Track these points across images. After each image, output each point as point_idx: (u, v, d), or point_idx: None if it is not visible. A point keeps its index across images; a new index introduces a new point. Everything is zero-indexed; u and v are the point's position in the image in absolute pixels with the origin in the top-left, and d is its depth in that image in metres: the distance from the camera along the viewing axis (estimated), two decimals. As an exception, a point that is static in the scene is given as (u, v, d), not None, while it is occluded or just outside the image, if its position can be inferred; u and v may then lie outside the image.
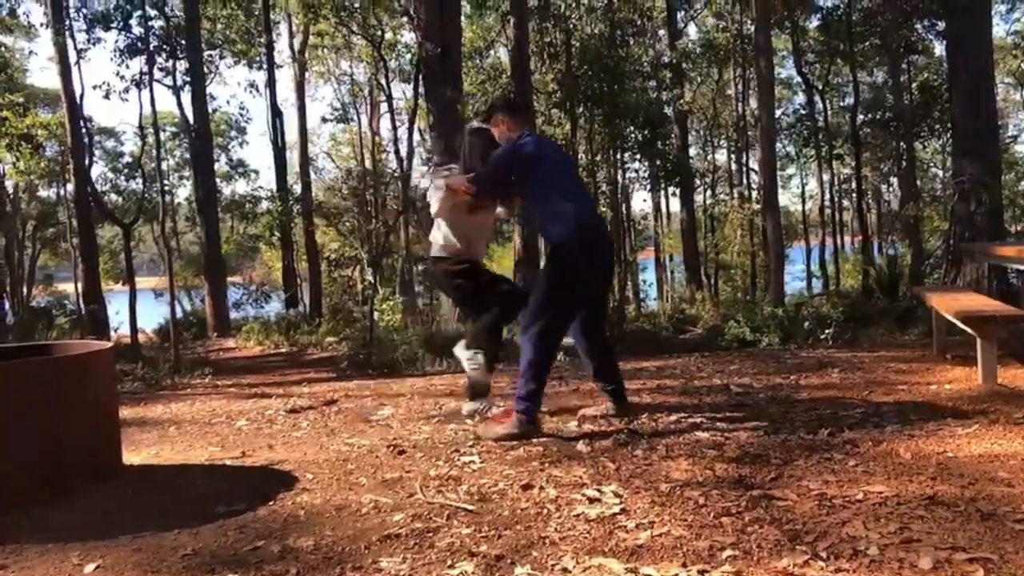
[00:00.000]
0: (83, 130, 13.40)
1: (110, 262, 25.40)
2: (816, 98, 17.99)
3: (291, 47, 20.87)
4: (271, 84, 18.02)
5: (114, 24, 12.50)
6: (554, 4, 12.40)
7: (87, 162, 13.48)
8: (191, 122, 14.83)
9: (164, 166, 19.55)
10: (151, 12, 12.12)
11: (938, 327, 5.30)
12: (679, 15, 18.19)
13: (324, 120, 38.63)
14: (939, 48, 16.80)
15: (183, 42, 13.67)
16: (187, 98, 14.51)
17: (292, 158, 21.96)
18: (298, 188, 19.02)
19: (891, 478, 2.60)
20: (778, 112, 19.31)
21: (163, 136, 20.83)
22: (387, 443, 3.50)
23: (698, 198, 21.71)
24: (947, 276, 8.92)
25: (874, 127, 17.39)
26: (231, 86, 62.08)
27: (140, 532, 2.50)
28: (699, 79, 20.45)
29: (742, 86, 20.10)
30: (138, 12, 12.05)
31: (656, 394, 4.41)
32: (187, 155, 21.50)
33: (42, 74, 72.99)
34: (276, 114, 17.81)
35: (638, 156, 15.38)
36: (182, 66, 13.89)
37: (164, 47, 12.76)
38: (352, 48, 21.72)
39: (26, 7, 30.74)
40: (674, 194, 18.40)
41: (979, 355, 4.08)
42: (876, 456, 2.87)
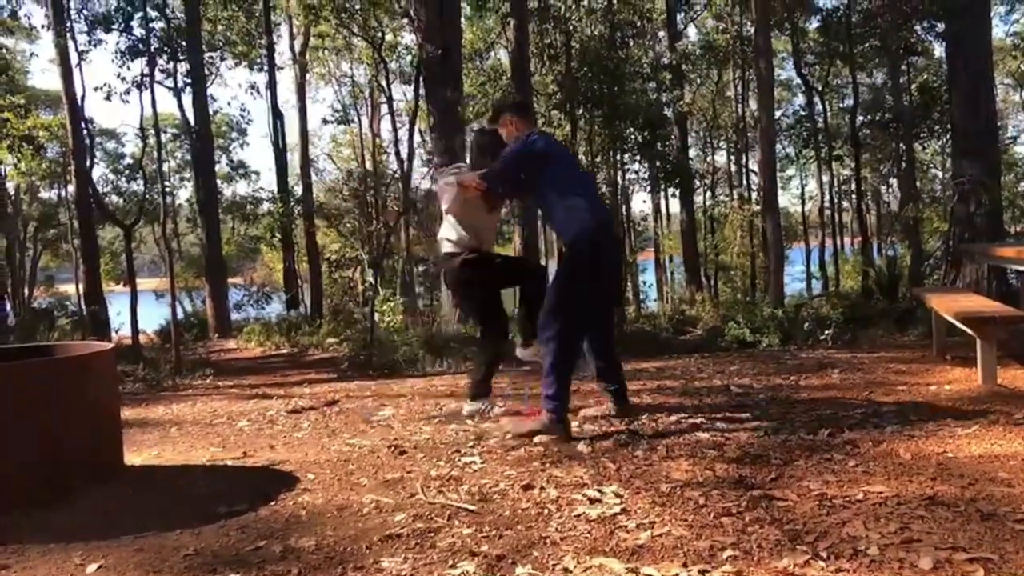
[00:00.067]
0: (84, 131, 13.39)
1: (111, 263, 25.40)
2: (816, 99, 18.00)
3: (292, 49, 20.89)
4: (272, 86, 18.04)
5: (115, 26, 12.53)
6: (554, 6, 12.41)
7: (88, 163, 13.46)
8: (192, 124, 14.82)
9: (165, 167, 19.54)
10: (152, 14, 12.13)
11: (938, 328, 5.31)
12: (679, 16, 18.19)
13: (325, 121, 38.44)
14: (939, 49, 16.82)
15: (184, 44, 13.67)
16: (188, 100, 14.52)
17: (293, 159, 22.00)
18: (299, 189, 19.01)
19: (891, 478, 2.61)
20: (778, 113, 19.33)
21: (164, 138, 20.87)
22: (388, 443, 3.51)
23: (698, 199, 21.72)
24: (947, 277, 8.93)
25: (874, 128, 17.39)
26: (232, 88, 62.01)
27: (142, 532, 2.51)
28: (699, 80, 20.46)
29: (742, 87, 20.10)
30: (139, 14, 12.07)
31: (656, 395, 4.42)
32: (188, 156, 21.48)
33: (43, 76, 72.94)
34: (277, 116, 17.82)
35: (638, 157, 15.39)
36: (183, 68, 13.89)
37: (165, 49, 12.77)
38: (353, 50, 21.75)
39: (27, 9, 30.81)
40: (674, 195, 18.40)
41: (979, 356, 4.09)
42: (876, 456, 2.87)
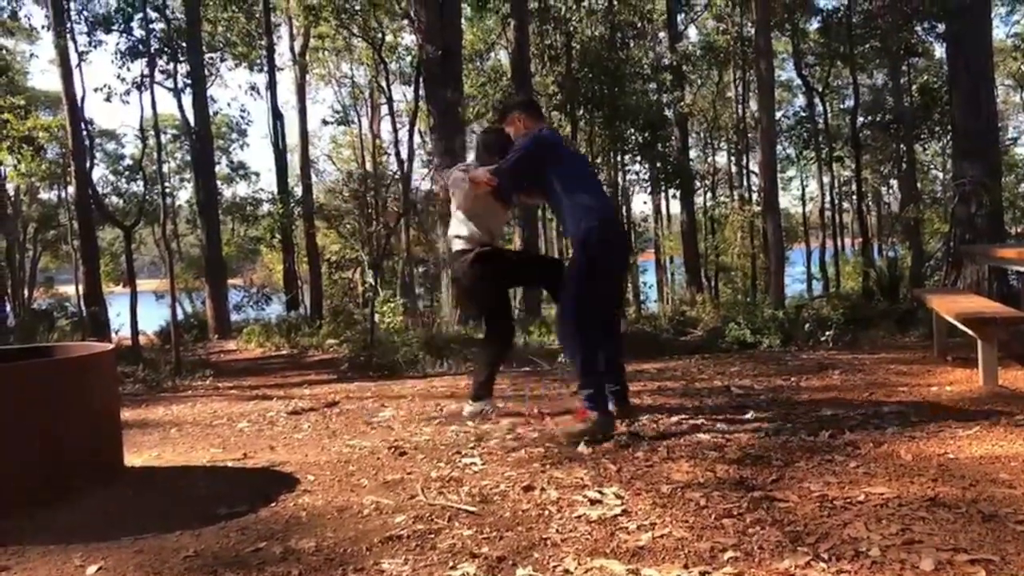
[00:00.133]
0: (84, 132, 13.40)
1: (111, 264, 25.41)
2: (816, 100, 18.01)
3: (292, 50, 20.90)
4: (272, 87, 18.06)
5: (115, 27, 12.55)
6: (554, 7, 12.43)
7: (88, 165, 13.45)
8: (192, 124, 14.82)
9: (165, 168, 19.53)
10: (152, 15, 12.15)
11: (939, 329, 5.30)
12: (679, 17, 18.20)
13: (325, 122, 38.52)
14: (939, 50, 16.85)
15: (184, 45, 13.68)
16: (188, 100, 14.53)
17: (293, 160, 22.03)
18: (299, 190, 19.02)
19: (892, 479, 2.60)
20: (778, 114, 19.35)
21: (164, 138, 20.89)
22: (388, 445, 3.51)
23: (698, 200, 21.74)
24: (947, 278, 8.91)
25: (874, 129, 17.41)
26: (232, 89, 62.09)
27: (142, 533, 2.50)
28: (699, 81, 20.48)
29: (742, 88, 20.12)
30: (139, 15, 12.09)
31: (657, 396, 4.41)
32: (188, 157, 21.49)
33: (43, 77, 73.12)
34: (277, 116, 17.84)
35: (638, 158, 15.42)
36: (183, 69, 13.90)
37: (165, 50, 12.79)
38: (353, 50, 21.79)
39: (27, 10, 30.70)
40: (674, 196, 18.42)
41: (980, 357, 4.09)
42: (877, 458, 2.87)
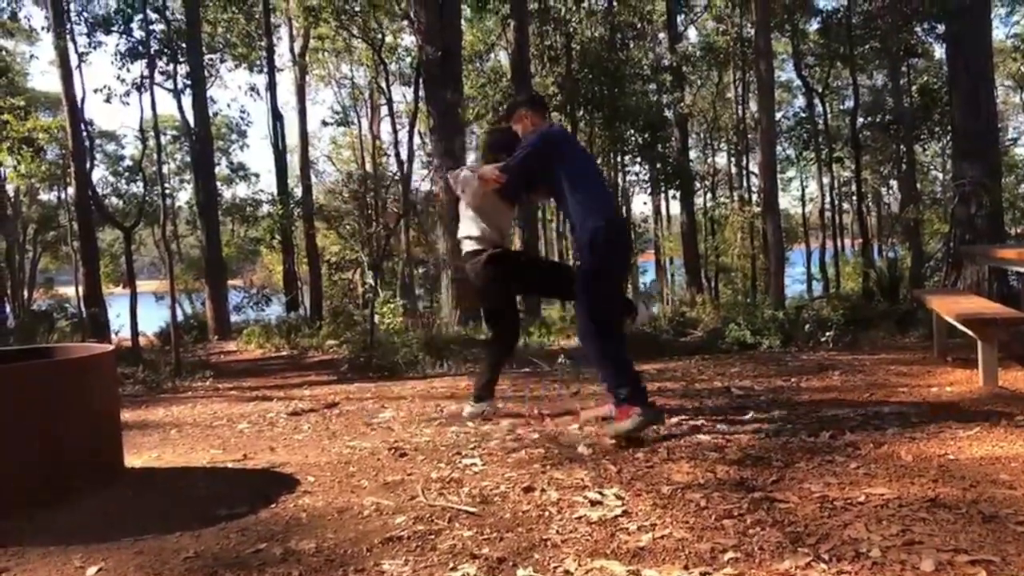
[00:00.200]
0: (84, 134, 13.40)
1: (111, 265, 25.40)
2: (816, 101, 18.03)
3: (291, 51, 20.92)
4: (271, 87, 18.07)
5: (115, 28, 12.54)
6: (554, 8, 12.43)
7: (88, 166, 13.45)
8: (192, 125, 14.81)
9: (165, 169, 19.53)
10: (152, 16, 12.15)
11: (939, 330, 5.30)
12: (679, 18, 18.21)
13: (325, 123, 38.62)
14: (939, 51, 16.85)
15: (184, 46, 13.67)
16: (188, 101, 14.52)
17: (293, 161, 22.03)
18: (299, 191, 19.04)
19: (893, 480, 2.60)
20: (778, 115, 19.37)
21: (164, 140, 20.90)
22: (388, 446, 3.51)
23: (698, 201, 21.76)
24: (947, 279, 8.91)
25: (874, 130, 17.42)
26: (232, 90, 62.11)
27: (142, 535, 2.50)
28: (699, 82, 20.49)
29: (742, 89, 20.13)
30: (139, 16, 12.08)
31: (657, 397, 4.40)
32: (188, 158, 21.50)
33: (43, 78, 73.20)
34: (277, 117, 17.85)
35: (638, 159, 15.43)
36: (183, 70, 13.90)
37: (165, 51, 12.79)
38: (352, 51, 21.79)
39: (27, 11, 30.65)
40: (674, 197, 18.45)
41: (980, 358, 4.09)
42: (877, 458, 2.87)
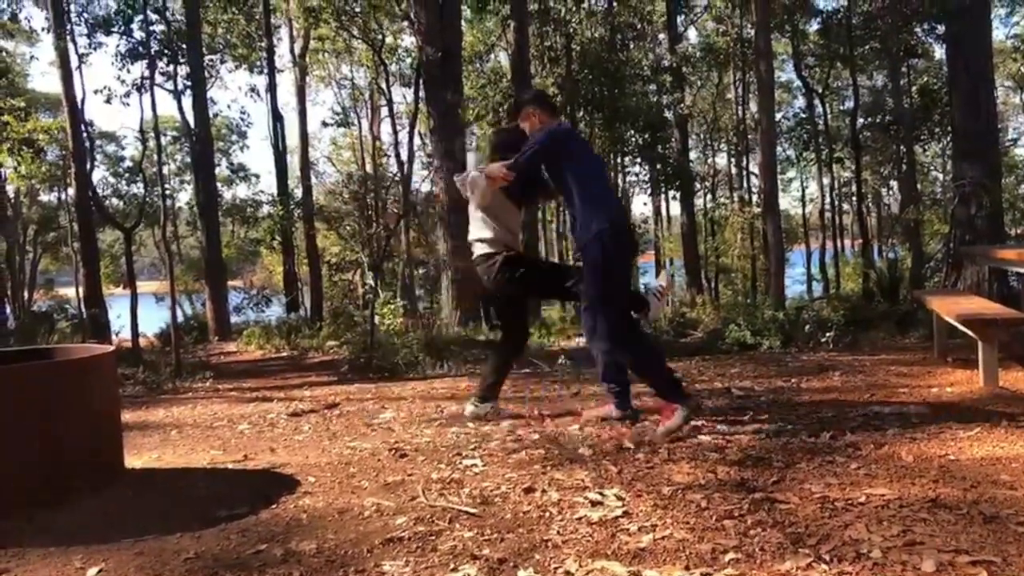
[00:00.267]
0: (84, 134, 13.40)
1: (111, 266, 25.40)
2: (816, 102, 18.04)
3: (292, 51, 20.90)
4: (272, 88, 18.07)
5: (115, 29, 12.55)
6: (554, 8, 12.43)
7: (88, 166, 13.44)
8: (192, 126, 14.81)
9: (165, 170, 19.53)
10: (152, 17, 12.15)
11: (939, 330, 5.30)
12: (679, 19, 18.21)
13: (325, 124, 38.68)
14: (939, 52, 16.87)
15: (184, 46, 13.66)
16: (188, 102, 14.51)
17: (293, 162, 22.02)
18: (299, 192, 19.03)
19: (893, 481, 2.60)
20: (778, 116, 19.37)
21: (164, 140, 20.92)
22: (389, 446, 3.50)
23: (698, 202, 21.77)
24: (948, 279, 8.91)
25: (874, 130, 17.44)
26: (232, 90, 62.04)
27: (142, 535, 2.50)
28: (699, 83, 20.50)
29: (742, 90, 20.14)
30: (139, 17, 12.09)
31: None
32: (188, 159, 21.51)
33: (43, 79, 73.24)
34: (277, 118, 17.85)
35: (638, 160, 15.43)
36: (183, 70, 13.90)
37: (165, 51, 12.78)
38: (353, 52, 21.79)
39: (27, 12, 30.70)
40: (674, 198, 18.46)
41: (980, 358, 4.09)
42: (878, 459, 2.87)
